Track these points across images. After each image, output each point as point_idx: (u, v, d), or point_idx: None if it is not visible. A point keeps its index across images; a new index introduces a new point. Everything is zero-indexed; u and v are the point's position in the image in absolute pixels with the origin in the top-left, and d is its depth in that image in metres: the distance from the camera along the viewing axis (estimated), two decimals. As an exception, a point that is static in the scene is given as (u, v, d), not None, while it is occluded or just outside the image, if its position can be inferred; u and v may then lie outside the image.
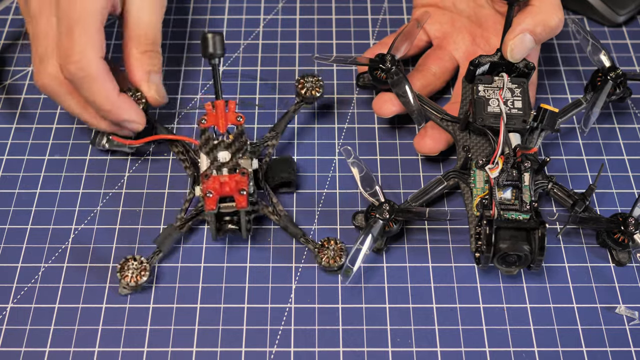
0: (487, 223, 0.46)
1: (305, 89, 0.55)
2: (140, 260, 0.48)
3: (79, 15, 0.48)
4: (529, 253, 0.46)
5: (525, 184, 0.48)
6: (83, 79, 0.48)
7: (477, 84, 0.52)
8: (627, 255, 0.50)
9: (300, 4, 0.67)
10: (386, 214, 0.47)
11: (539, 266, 0.46)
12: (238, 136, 0.48)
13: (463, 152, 0.52)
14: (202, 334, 0.47)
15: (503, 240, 0.46)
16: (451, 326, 0.47)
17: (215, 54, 0.45)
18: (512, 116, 0.50)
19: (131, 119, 0.51)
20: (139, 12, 0.53)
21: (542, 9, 0.51)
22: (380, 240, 0.49)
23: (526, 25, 0.50)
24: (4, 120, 0.58)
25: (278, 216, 0.50)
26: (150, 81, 0.53)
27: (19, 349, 0.46)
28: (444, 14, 0.59)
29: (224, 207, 0.47)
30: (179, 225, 0.50)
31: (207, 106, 0.48)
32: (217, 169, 0.47)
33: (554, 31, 0.52)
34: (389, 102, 0.54)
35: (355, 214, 0.51)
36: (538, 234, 0.45)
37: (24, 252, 0.50)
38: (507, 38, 0.51)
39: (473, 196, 0.50)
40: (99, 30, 0.49)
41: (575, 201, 0.50)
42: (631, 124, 0.58)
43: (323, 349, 0.46)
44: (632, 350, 0.46)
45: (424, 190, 0.51)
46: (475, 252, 0.48)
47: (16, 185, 0.54)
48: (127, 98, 0.51)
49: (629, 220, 0.48)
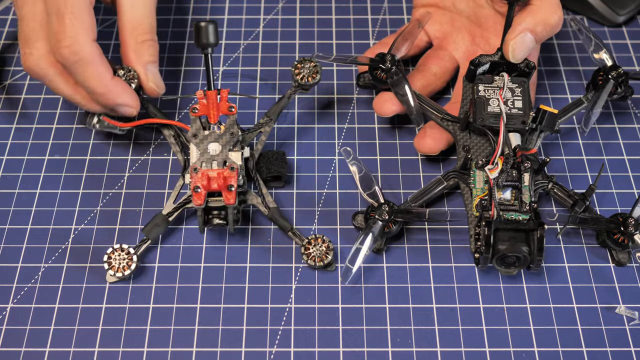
0: (486, 224, 0.46)
1: (302, 75, 0.53)
2: (127, 251, 0.48)
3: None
4: (528, 254, 0.46)
5: (525, 184, 0.48)
6: (76, 63, 0.48)
7: (477, 83, 0.52)
8: (627, 255, 0.50)
9: (300, 4, 0.67)
10: (385, 214, 0.47)
11: (538, 267, 0.46)
12: (229, 127, 0.48)
13: (463, 152, 0.52)
14: (202, 334, 0.47)
15: (502, 241, 0.46)
16: (451, 326, 0.47)
17: (209, 43, 0.44)
18: (512, 116, 0.50)
19: (125, 103, 0.51)
20: (134, 4, 0.53)
21: (542, 7, 0.51)
22: (380, 240, 0.49)
23: (527, 25, 0.50)
24: (4, 120, 0.58)
25: (267, 208, 0.50)
26: (148, 71, 0.53)
27: (19, 349, 0.46)
28: (444, 14, 0.59)
29: (212, 202, 0.47)
30: (167, 213, 0.50)
31: (198, 94, 0.48)
32: (207, 162, 0.47)
33: (554, 29, 0.52)
34: (389, 101, 0.54)
35: (354, 214, 0.51)
36: (537, 235, 0.45)
37: (24, 252, 0.50)
38: (508, 38, 0.51)
39: (473, 196, 0.50)
40: (88, 12, 0.49)
41: (575, 201, 0.50)
42: (631, 124, 0.58)
43: (323, 349, 0.46)
44: (632, 350, 0.46)
45: (423, 191, 0.51)
46: (475, 252, 0.48)
47: (16, 185, 0.54)
48: (120, 81, 0.51)
49: (629, 221, 0.48)
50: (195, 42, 0.45)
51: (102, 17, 0.65)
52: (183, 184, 0.51)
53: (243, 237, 0.51)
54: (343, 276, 0.48)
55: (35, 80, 0.60)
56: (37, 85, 0.60)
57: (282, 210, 0.52)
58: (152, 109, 0.54)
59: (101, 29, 0.64)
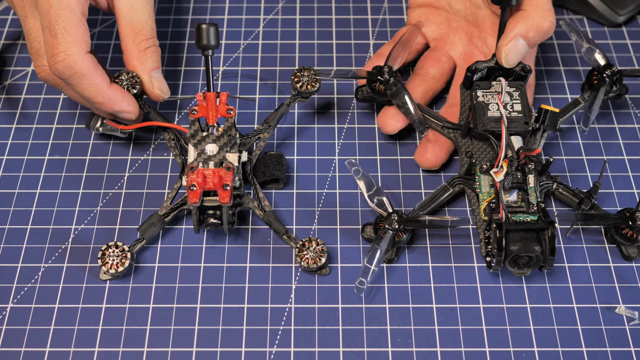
0: (497, 226, 0.46)
1: (301, 83, 0.54)
2: (121, 248, 0.48)
3: (56, 10, 0.48)
4: (540, 254, 0.46)
5: (531, 185, 0.48)
6: (71, 77, 0.49)
7: (475, 89, 0.52)
8: (636, 250, 0.50)
9: (300, 4, 0.67)
10: (395, 224, 0.47)
11: (550, 266, 0.46)
12: (227, 129, 0.48)
13: (466, 158, 0.52)
14: (202, 334, 0.47)
15: (514, 242, 0.46)
16: (451, 326, 0.47)
17: (209, 45, 0.45)
18: (512, 119, 0.50)
19: (123, 110, 0.52)
20: (132, 8, 0.53)
21: (534, 13, 0.51)
22: (390, 251, 0.49)
23: (519, 30, 0.51)
24: (4, 120, 0.58)
25: (263, 211, 0.50)
26: (153, 78, 0.53)
27: (19, 349, 0.46)
28: (440, 15, 0.59)
29: (208, 201, 0.47)
30: (164, 214, 0.50)
31: (198, 96, 0.48)
32: (204, 162, 0.47)
33: (547, 35, 0.52)
34: (393, 118, 0.54)
35: (363, 226, 0.51)
36: (548, 234, 0.45)
37: (24, 252, 0.50)
38: (501, 44, 0.51)
39: (480, 201, 0.50)
40: (80, 24, 0.49)
41: (581, 200, 0.50)
42: (631, 124, 0.58)
43: (323, 349, 0.46)
44: (632, 350, 0.46)
45: (430, 198, 0.51)
46: (486, 256, 0.48)
47: (16, 185, 0.54)
48: (118, 89, 0.51)
49: (637, 215, 0.48)
50: (196, 44, 0.45)
51: (102, 17, 0.65)
52: (180, 186, 0.51)
53: (243, 237, 0.51)
54: (357, 290, 0.47)
55: (35, 80, 0.60)
56: (37, 85, 0.60)
57: (282, 211, 0.52)
58: (153, 113, 0.54)
59: (101, 29, 0.64)
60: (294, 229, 0.52)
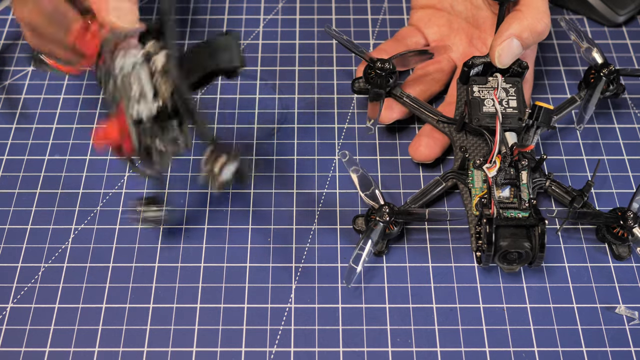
0: (487, 222, 0.46)
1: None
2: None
3: None
4: (530, 250, 0.46)
5: (523, 182, 0.48)
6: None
7: (471, 84, 0.52)
8: (627, 249, 0.50)
9: (300, 4, 0.67)
10: (386, 216, 0.48)
11: (540, 263, 0.46)
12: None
13: (460, 152, 0.52)
14: (202, 334, 0.47)
15: (503, 238, 0.46)
16: (451, 326, 0.47)
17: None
18: (507, 115, 0.50)
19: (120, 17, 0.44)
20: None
21: (529, 14, 0.51)
22: (381, 243, 0.49)
23: (513, 31, 0.51)
24: (4, 120, 0.58)
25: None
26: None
27: (19, 349, 0.46)
28: (442, 16, 0.59)
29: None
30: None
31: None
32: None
33: (541, 36, 0.52)
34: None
35: (355, 217, 0.51)
36: (538, 231, 0.46)
37: (24, 252, 0.50)
38: (495, 43, 0.51)
39: (472, 196, 0.50)
40: None
41: (573, 197, 0.50)
42: (631, 123, 0.58)
43: (323, 349, 0.46)
44: (632, 350, 0.46)
45: (423, 192, 0.51)
46: (476, 251, 0.48)
47: (16, 185, 0.54)
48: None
49: (628, 214, 0.48)
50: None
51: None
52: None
53: (243, 237, 0.51)
54: (346, 278, 0.48)
55: (35, 80, 0.60)
56: (37, 85, 0.60)
57: (282, 211, 0.52)
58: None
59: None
60: (294, 229, 0.52)
